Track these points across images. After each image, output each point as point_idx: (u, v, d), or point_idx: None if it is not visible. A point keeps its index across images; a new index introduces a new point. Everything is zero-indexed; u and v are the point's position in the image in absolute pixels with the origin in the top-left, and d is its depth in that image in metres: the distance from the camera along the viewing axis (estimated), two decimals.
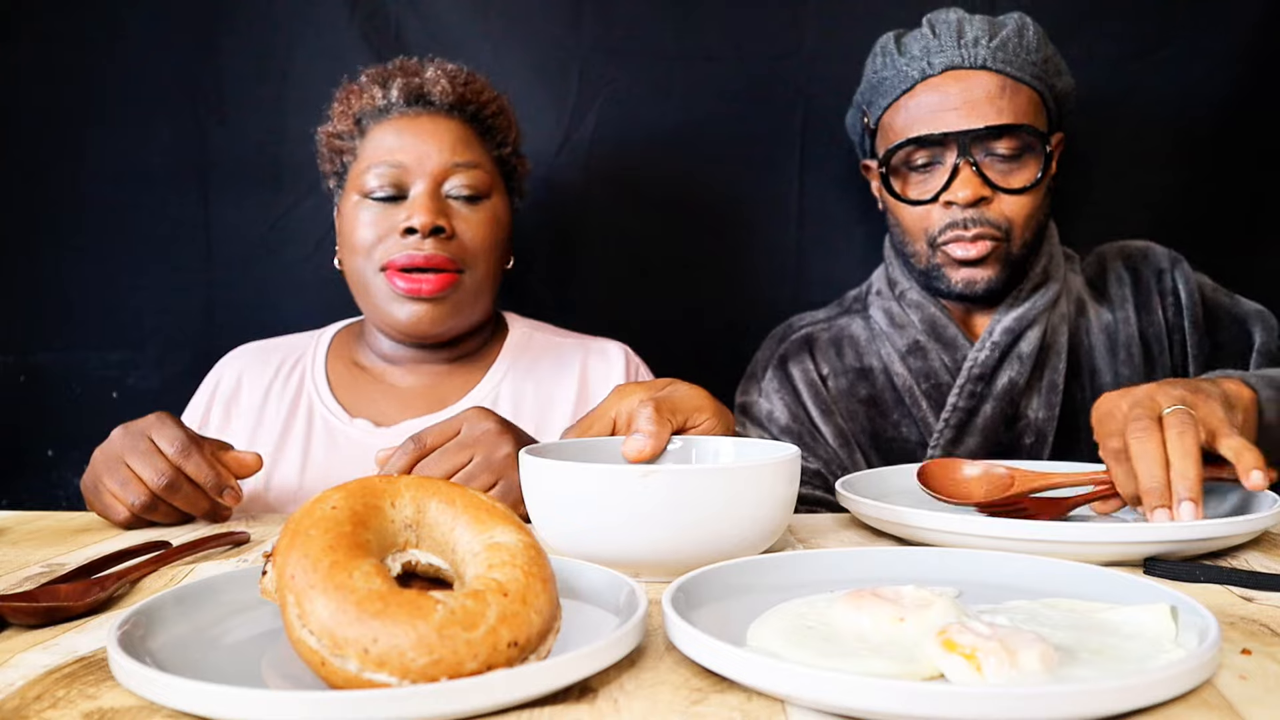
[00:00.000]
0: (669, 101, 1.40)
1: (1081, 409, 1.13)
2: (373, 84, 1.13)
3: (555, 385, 1.16)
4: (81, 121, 1.41)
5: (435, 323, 1.10)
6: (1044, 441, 1.12)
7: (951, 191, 1.08)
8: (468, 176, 1.10)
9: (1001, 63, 1.07)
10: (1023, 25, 1.10)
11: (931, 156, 1.10)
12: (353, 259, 1.11)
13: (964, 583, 0.55)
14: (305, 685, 0.43)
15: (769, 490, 0.64)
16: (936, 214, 1.11)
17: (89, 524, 0.89)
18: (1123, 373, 1.14)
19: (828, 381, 1.19)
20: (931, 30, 1.11)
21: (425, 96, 1.11)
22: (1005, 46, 1.08)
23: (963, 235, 1.09)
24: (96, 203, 1.41)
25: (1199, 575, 0.62)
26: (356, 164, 1.12)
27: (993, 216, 1.09)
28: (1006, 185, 1.09)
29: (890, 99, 1.13)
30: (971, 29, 1.09)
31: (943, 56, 1.09)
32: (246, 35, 1.40)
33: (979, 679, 0.41)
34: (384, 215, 1.08)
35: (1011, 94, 1.08)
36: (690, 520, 0.61)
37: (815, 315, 1.27)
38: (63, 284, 1.42)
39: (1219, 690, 0.42)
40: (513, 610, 0.42)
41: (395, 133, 1.10)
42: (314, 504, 0.46)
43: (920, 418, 1.14)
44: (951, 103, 1.08)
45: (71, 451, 1.44)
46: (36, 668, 0.48)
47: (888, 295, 1.20)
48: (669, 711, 0.41)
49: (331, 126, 1.16)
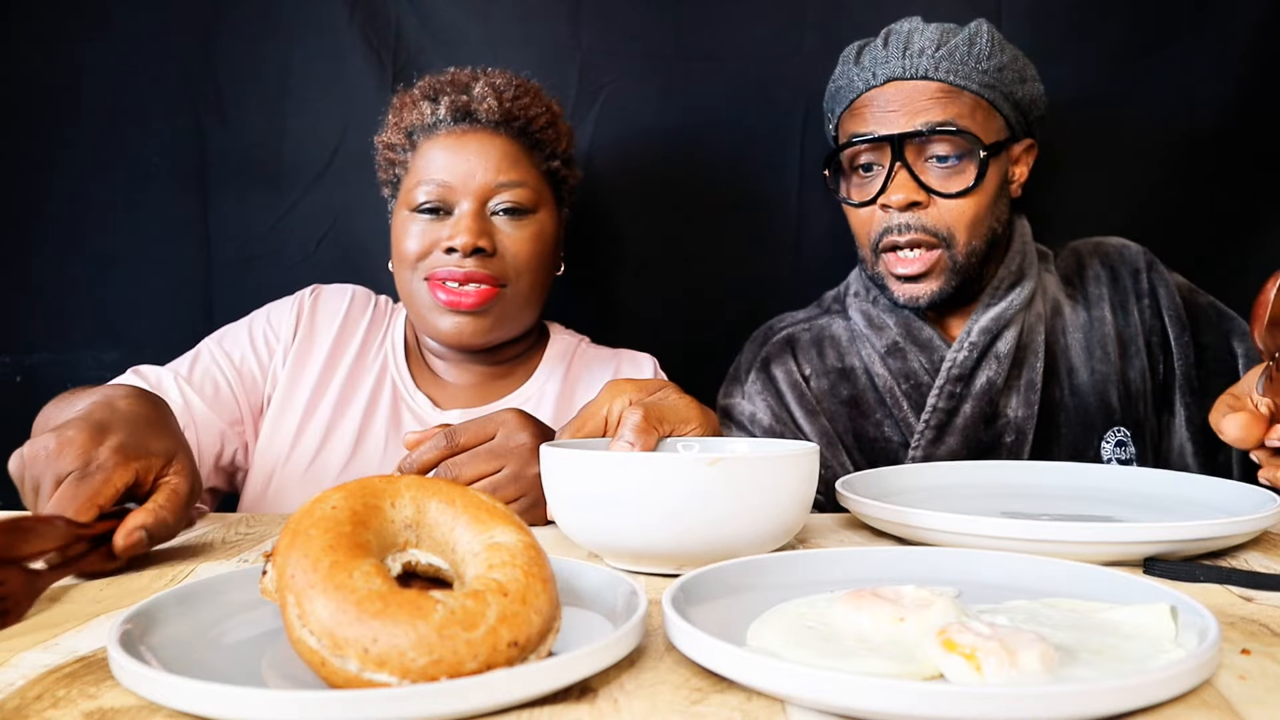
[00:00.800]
0: (669, 102, 1.40)
1: (1060, 407, 1.14)
2: (423, 98, 1.14)
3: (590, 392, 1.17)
4: (80, 120, 1.41)
5: (477, 335, 1.12)
6: (1024, 440, 1.13)
7: (887, 194, 1.09)
8: (512, 194, 1.11)
9: (945, 71, 1.08)
10: (975, 34, 1.10)
11: (871, 161, 1.12)
12: (400, 269, 1.14)
13: (964, 583, 0.55)
14: (305, 685, 0.43)
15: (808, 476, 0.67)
16: (877, 217, 1.12)
17: None
18: (1099, 369, 1.14)
19: (810, 382, 1.19)
20: (884, 42, 1.12)
21: (472, 114, 1.12)
22: (951, 55, 1.08)
23: (898, 241, 1.10)
24: (95, 202, 1.41)
25: (1199, 575, 0.62)
26: (407, 178, 1.14)
27: (930, 222, 1.09)
28: (943, 189, 1.09)
29: (843, 107, 1.16)
30: (920, 39, 1.10)
31: (886, 67, 1.10)
32: (246, 35, 1.40)
33: (979, 679, 0.41)
34: (429, 229, 1.11)
35: (952, 99, 1.09)
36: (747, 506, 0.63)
37: (795, 316, 1.28)
38: (60, 284, 1.42)
39: (1219, 690, 0.42)
40: (513, 610, 0.42)
41: (443, 150, 1.11)
42: (314, 504, 0.46)
43: (901, 418, 1.15)
44: (891, 107, 1.10)
45: None
46: (37, 667, 0.48)
47: (864, 297, 1.21)
48: (669, 711, 0.41)
49: (386, 137, 1.18)
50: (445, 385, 1.20)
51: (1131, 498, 0.85)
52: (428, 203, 1.10)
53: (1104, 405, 1.14)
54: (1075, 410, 1.14)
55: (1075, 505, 0.85)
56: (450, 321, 1.11)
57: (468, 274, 1.08)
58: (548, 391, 1.19)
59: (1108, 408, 1.14)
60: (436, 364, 1.22)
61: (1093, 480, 0.89)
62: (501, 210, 1.11)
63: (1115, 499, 0.86)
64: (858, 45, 1.17)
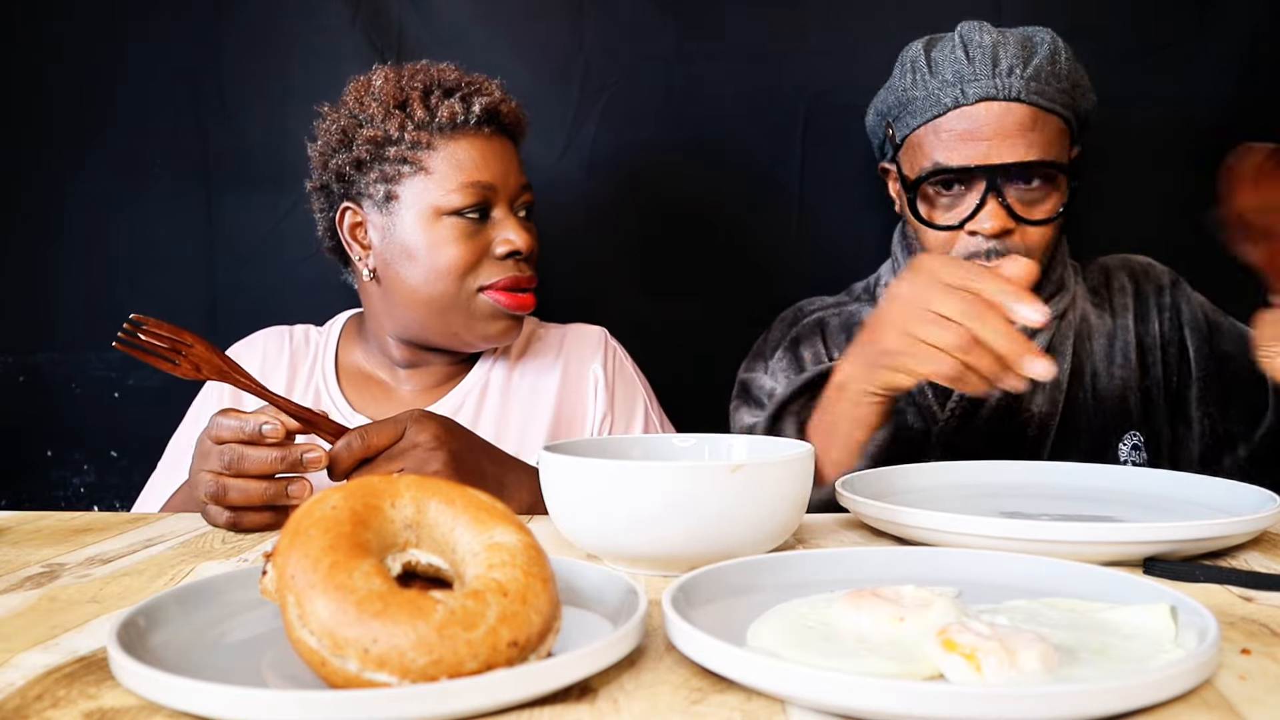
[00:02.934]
0: (670, 103, 1.40)
1: (1082, 407, 1.16)
2: (439, 95, 1.09)
3: (540, 372, 1.20)
4: (84, 121, 1.41)
5: (516, 333, 1.15)
6: (1046, 434, 1.14)
7: (977, 222, 1.08)
8: (528, 196, 1.14)
9: (1035, 94, 1.07)
10: (1055, 50, 1.09)
11: (959, 184, 1.10)
12: (434, 279, 1.09)
13: (964, 583, 0.55)
14: (305, 685, 0.43)
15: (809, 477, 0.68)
16: (961, 241, 1.11)
17: (89, 524, 0.89)
18: (1119, 375, 1.16)
19: None
20: (965, 53, 1.09)
21: (496, 116, 1.12)
22: (1039, 76, 1.07)
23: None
24: (98, 203, 1.42)
25: (1199, 575, 0.62)
26: (425, 179, 1.08)
27: (1015, 246, 1.10)
28: (1030, 217, 1.09)
29: (920, 120, 1.12)
30: (1006, 56, 1.07)
31: (977, 86, 1.07)
32: (249, 36, 1.40)
33: (979, 679, 0.41)
34: (477, 236, 1.09)
35: (1042, 126, 1.08)
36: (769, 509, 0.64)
37: (825, 300, 1.28)
38: (64, 284, 1.43)
39: (1219, 690, 0.42)
40: (513, 610, 0.42)
41: (477, 150, 1.09)
42: (314, 504, 0.46)
43: (926, 406, 1.16)
44: (983, 133, 1.07)
45: (71, 452, 1.44)
46: (37, 667, 0.48)
47: None
48: (669, 711, 0.41)
49: (378, 130, 1.09)
50: (392, 394, 1.19)
51: (1131, 498, 0.85)
52: (469, 205, 1.08)
53: (1122, 409, 1.15)
54: (1095, 411, 1.16)
55: (1075, 505, 0.85)
56: (503, 326, 1.12)
57: (529, 278, 1.11)
58: (492, 378, 1.19)
59: (1125, 412, 1.15)
60: (398, 373, 1.19)
61: (1092, 480, 0.89)
62: (523, 212, 1.14)
63: (1115, 499, 0.86)
64: (922, 48, 1.13)
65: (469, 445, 0.90)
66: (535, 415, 1.17)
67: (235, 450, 0.82)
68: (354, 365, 1.21)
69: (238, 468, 0.82)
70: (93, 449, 1.44)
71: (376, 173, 1.10)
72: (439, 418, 0.88)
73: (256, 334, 1.25)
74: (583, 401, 1.20)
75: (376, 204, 1.11)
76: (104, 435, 1.44)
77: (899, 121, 1.15)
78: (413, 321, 1.13)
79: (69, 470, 1.44)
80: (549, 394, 1.18)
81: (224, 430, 0.83)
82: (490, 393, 1.18)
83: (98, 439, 1.44)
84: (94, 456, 1.44)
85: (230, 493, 0.82)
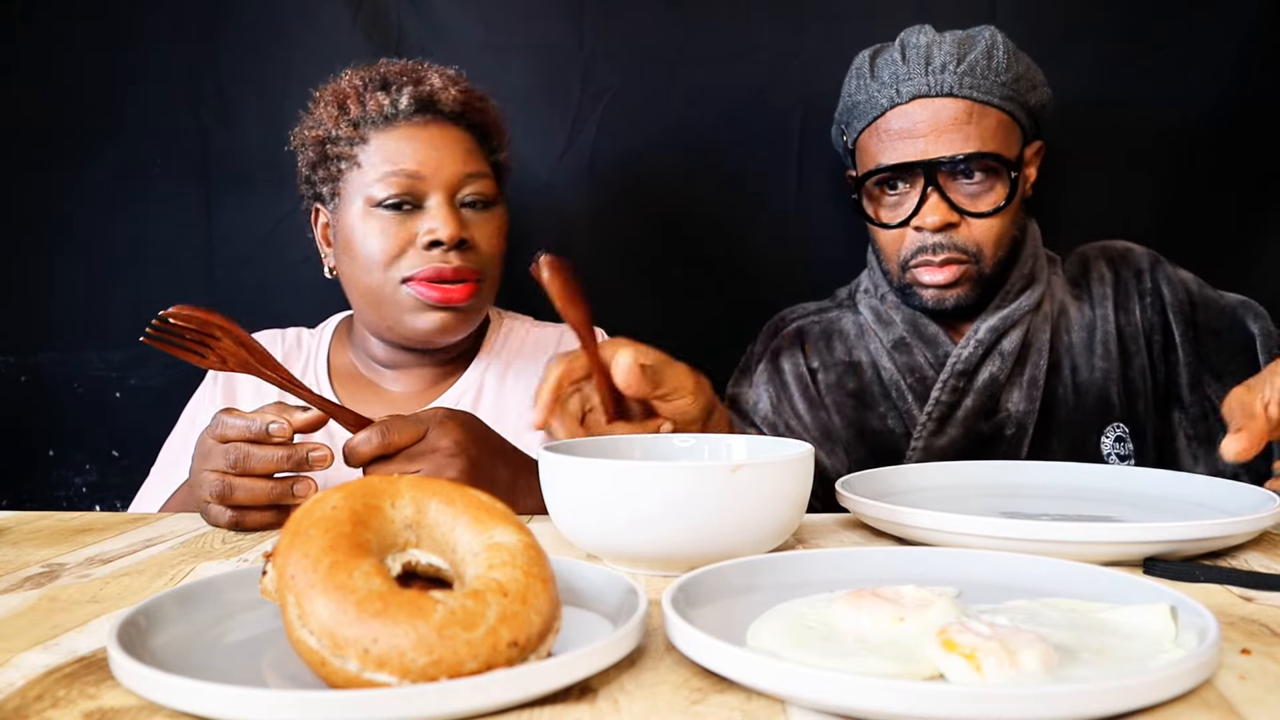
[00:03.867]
0: (670, 105, 1.40)
1: (1062, 403, 1.16)
2: (372, 89, 1.10)
3: (535, 374, 1.17)
4: (84, 122, 1.41)
5: (456, 329, 1.11)
6: (1024, 433, 1.14)
7: (920, 217, 1.10)
8: (479, 185, 1.09)
9: (969, 88, 1.08)
10: (992, 45, 1.10)
11: (903, 183, 1.12)
12: (365, 273, 1.08)
13: (964, 583, 0.55)
14: (305, 685, 0.43)
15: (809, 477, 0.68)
16: (909, 237, 1.13)
17: (89, 524, 0.89)
18: (1100, 366, 1.16)
19: (817, 376, 1.21)
20: (902, 55, 1.12)
21: (435, 104, 1.09)
22: (973, 70, 1.09)
23: (931, 260, 1.12)
24: (99, 203, 1.42)
25: (1199, 575, 0.62)
26: (359, 173, 1.09)
27: (961, 241, 1.11)
28: (975, 209, 1.10)
29: (864, 122, 1.15)
30: (940, 53, 1.10)
31: (910, 85, 1.10)
32: (249, 38, 1.40)
33: (979, 679, 0.41)
34: (399, 226, 1.07)
35: (979, 118, 1.09)
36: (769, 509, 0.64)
37: (807, 308, 1.29)
38: (65, 284, 1.43)
39: (1219, 690, 0.42)
40: (513, 610, 0.42)
41: (406, 141, 1.08)
42: (314, 504, 0.46)
43: (905, 410, 1.17)
44: (919, 129, 1.09)
45: (73, 452, 1.44)
46: (37, 667, 0.48)
47: (873, 294, 1.23)
48: (669, 711, 0.41)
49: (322, 131, 1.11)
50: (382, 394, 1.18)
51: (1131, 498, 0.85)
52: (395, 196, 1.06)
53: (1103, 402, 1.15)
54: (1075, 406, 1.15)
55: (1075, 505, 0.85)
56: (433, 319, 1.08)
57: (456, 269, 1.06)
58: (487, 382, 1.17)
59: (1107, 404, 1.15)
60: (384, 374, 1.19)
61: (1092, 480, 0.89)
62: (470, 202, 1.09)
63: (1115, 499, 0.86)
64: (869, 55, 1.16)
65: (488, 449, 0.89)
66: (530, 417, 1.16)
67: (241, 449, 0.82)
68: (345, 366, 1.21)
69: (244, 466, 0.83)
70: (94, 448, 1.44)
71: (324, 171, 1.12)
72: (462, 418, 0.87)
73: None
74: None
75: (330, 202, 1.14)
76: (105, 435, 1.44)
77: (849, 127, 1.19)
78: (364, 318, 1.14)
79: (71, 470, 1.44)
80: None
81: (229, 429, 0.83)
82: (485, 394, 1.17)
83: (99, 438, 1.44)
84: (96, 456, 1.44)
85: (237, 492, 0.83)
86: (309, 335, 1.25)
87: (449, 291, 1.06)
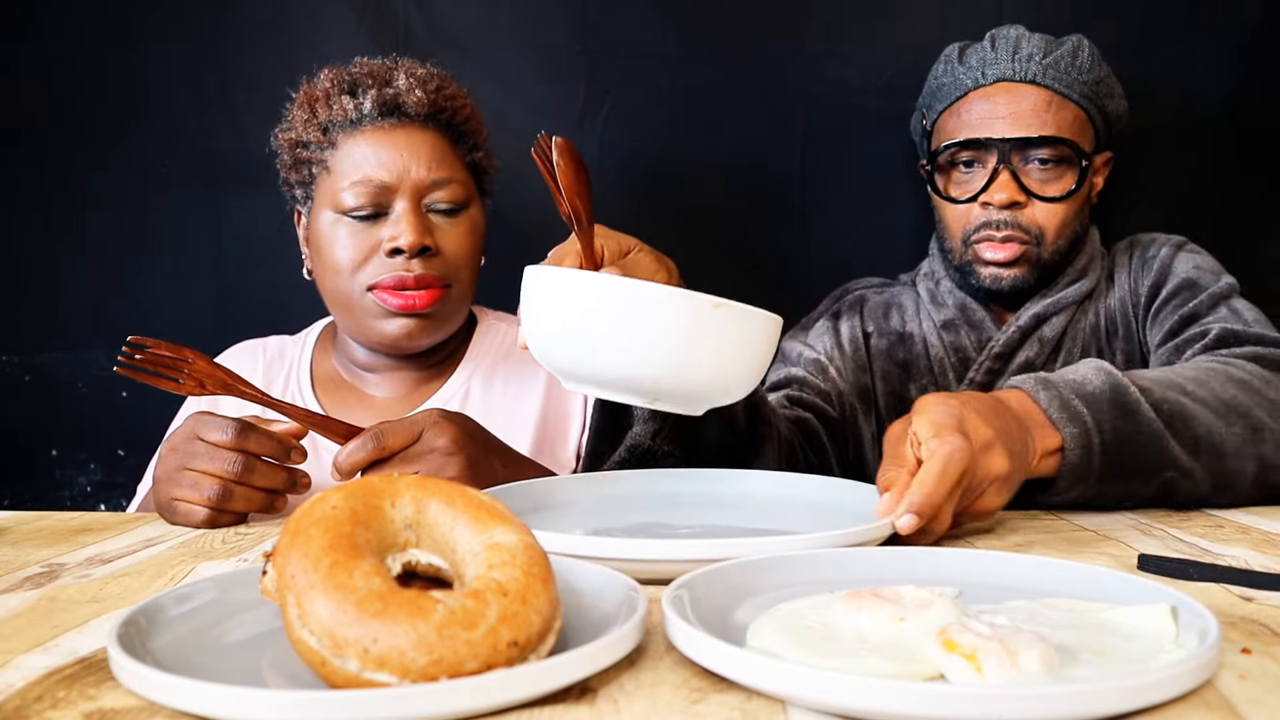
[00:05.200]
0: (675, 105, 1.41)
1: None
2: (340, 92, 1.08)
3: (524, 379, 1.17)
4: (91, 122, 1.41)
5: (424, 336, 1.10)
6: None
7: (989, 193, 1.14)
8: (447, 191, 1.08)
9: (1051, 79, 1.13)
10: (1078, 46, 1.16)
11: (975, 159, 1.16)
12: (334, 278, 1.08)
13: (964, 583, 0.55)
14: (305, 685, 0.43)
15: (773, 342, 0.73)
16: (974, 213, 1.17)
17: (89, 524, 0.89)
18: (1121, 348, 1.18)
19: (870, 339, 1.25)
20: (991, 44, 1.17)
21: (400, 107, 1.07)
22: (1057, 64, 1.14)
23: (993, 236, 1.15)
24: (105, 203, 1.42)
25: (1192, 573, 0.62)
26: (328, 178, 1.08)
27: (1025, 221, 1.15)
28: (1042, 193, 1.14)
29: (946, 104, 1.19)
30: (1027, 45, 1.15)
31: (996, 68, 1.15)
32: (255, 39, 1.40)
33: (979, 679, 0.41)
34: (366, 234, 1.06)
35: (1057, 108, 1.14)
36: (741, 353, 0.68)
37: (872, 281, 1.33)
38: (69, 283, 1.43)
39: (1219, 690, 0.42)
40: (513, 610, 0.42)
41: (371, 146, 1.06)
42: (314, 504, 0.46)
43: (945, 385, 1.21)
44: (999, 111, 1.14)
45: (77, 451, 1.45)
46: (37, 669, 0.48)
47: (930, 278, 1.26)
48: (669, 711, 0.41)
49: (295, 134, 1.10)
50: (365, 399, 1.17)
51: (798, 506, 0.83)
52: (360, 206, 1.05)
53: None
54: None
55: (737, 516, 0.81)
56: (398, 325, 1.07)
57: (418, 277, 1.05)
58: (473, 386, 1.16)
59: None
60: (365, 378, 1.18)
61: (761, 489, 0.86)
62: (438, 208, 1.08)
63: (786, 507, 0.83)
64: (958, 47, 1.21)
65: (485, 448, 0.89)
66: (518, 421, 1.13)
67: (245, 461, 0.84)
68: (328, 373, 1.20)
69: (247, 478, 0.84)
70: (98, 448, 1.44)
71: (298, 175, 1.12)
72: (457, 418, 0.88)
73: (228, 350, 1.23)
74: (570, 408, 1.16)
75: (305, 205, 1.14)
76: (110, 434, 1.44)
77: (930, 110, 1.23)
78: (340, 322, 1.14)
79: (72, 470, 1.44)
80: (534, 399, 1.15)
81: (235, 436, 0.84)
82: (471, 398, 1.15)
83: (103, 438, 1.44)
84: (100, 456, 1.45)
85: (234, 499, 0.84)
86: (291, 343, 1.24)
87: (410, 298, 1.05)
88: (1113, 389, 0.83)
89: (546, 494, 0.84)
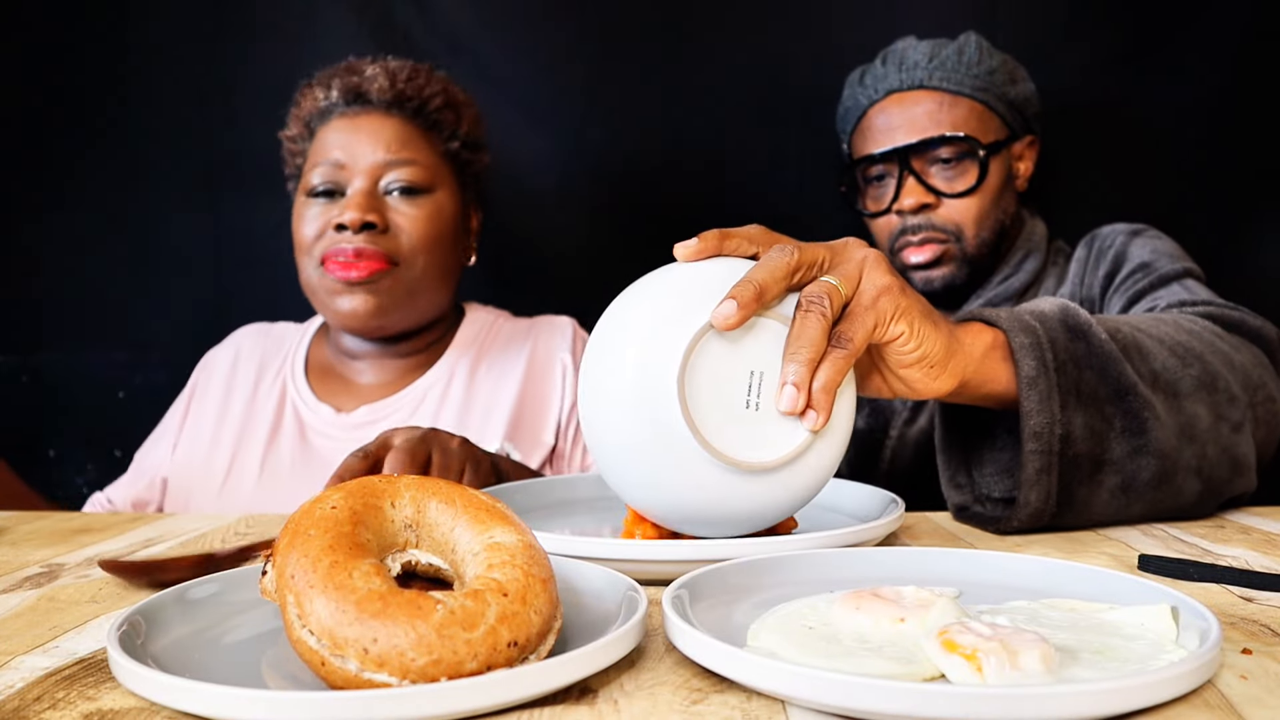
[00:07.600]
0: (672, 104, 1.41)
1: None
2: (318, 86, 1.16)
3: (506, 365, 1.20)
4: (90, 122, 1.41)
5: (372, 314, 1.11)
6: None
7: (899, 201, 1.18)
8: (405, 172, 1.12)
9: (939, 80, 1.17)
10: (964, 44, 1.19)
11: (884, 172, 1.20)
12: (300, 257, 1.14)
13: (964, 583, 0.55)
14: (305, 685, 0.43)
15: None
16: (894, 223, 1.20)
17: (89, 524, 0.89)
18: None
19: None
20: (882, 61, 1.22)
21: (363, 95, 1.14)
22: (943, 65, 1.17)
23: (911, 240, 1.19)
24: (104, 203, 1.42)
25: (1192, 573, 0.62)
26: (305, 165, 1.15)
27: (939, 221, 1.18)
28: (949, 190, 1.17)
29: (852, 125, 1.26)
30: (914, 54, 1.19)
31: (886, 82, 1.20)
32: (255, 39, 1.41)
33: (979, 679, 0.41)
34: (323, 212, 1.12)
35: (949, 107, 1.17)
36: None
37: None
38: (68, 284, 1.43)
39: (1220, 690, 0.42)
40: (512, 610, 0.42)
41: (336, 132, 1.13)
42: (314, 504, 0.46)
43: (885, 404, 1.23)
44: (895, 122, 1.19)
45: (75, 451, 1.45)
46: (36, 669, 0.48)
47: None
48: (669, 711, 0.41)
49: (288, 131, 1.19)
50: (352, 386, 1.20)
51: None
52: (322, 185, 1.12)
53: None
54: None
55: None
56: (346, 303, 1.11)
57: (357, 250, 1.08)
58: (457, 373, 1.19)
59: None
60: (352, 365, 1.21)
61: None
62: (395, 189, 1.12)
63: None
64: (860, 70, 1.24)
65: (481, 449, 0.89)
66: (498, 404, 1.16)
67: None
68: (322, 360, 1.24)
69: None
70: (96, 448, 1.45)
71: (290, 169, 1.20)
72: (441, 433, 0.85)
73: (234, 333, 1.28)
74: (549, 390, 1.19)
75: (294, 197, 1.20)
76: (107, 434, 1.44)
77: (844, 134, 1.28)
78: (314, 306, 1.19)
79: (71, 470, 1.44)
80: (513, 383, 1.18)
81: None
82: (454, 386, 1.18)
83: (100, 438, 1.44)
84: (97, 455, 1.45)
85: None
86: (294, 330, 1.29)
87: (349, 268, 1.09)
88: (1062, 309, 0.77)
89: (546, 494, 0.84)
